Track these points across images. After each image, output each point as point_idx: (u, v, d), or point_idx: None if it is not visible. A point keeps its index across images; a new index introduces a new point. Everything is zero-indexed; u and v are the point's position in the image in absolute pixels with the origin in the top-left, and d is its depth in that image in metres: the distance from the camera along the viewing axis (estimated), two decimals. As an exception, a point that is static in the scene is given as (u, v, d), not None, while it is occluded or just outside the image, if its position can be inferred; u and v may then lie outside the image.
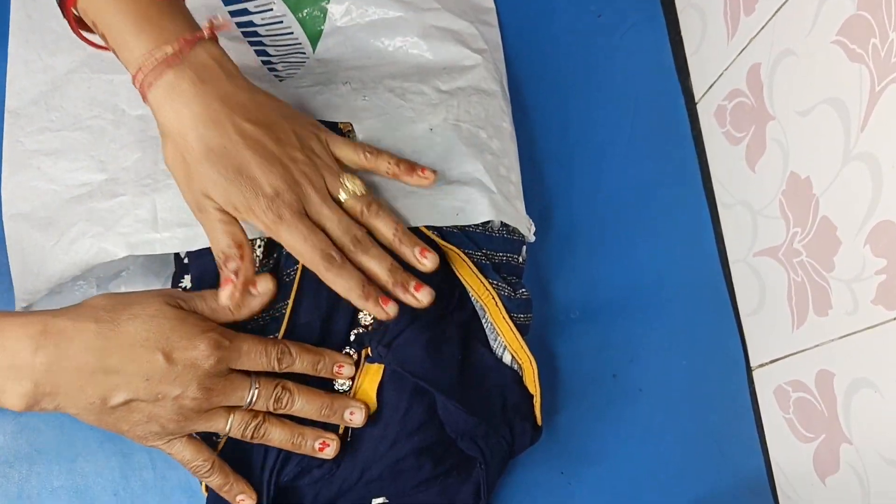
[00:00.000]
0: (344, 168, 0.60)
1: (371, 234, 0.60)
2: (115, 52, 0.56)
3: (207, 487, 0.62)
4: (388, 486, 0.61)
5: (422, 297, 0.59)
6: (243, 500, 0.58)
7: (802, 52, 0.65)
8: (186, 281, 0.64)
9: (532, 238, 0.68)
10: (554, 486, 0.71)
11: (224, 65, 0.56)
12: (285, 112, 0.59)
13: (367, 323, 0.62)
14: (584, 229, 0.78)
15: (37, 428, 0.67)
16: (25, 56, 0.68)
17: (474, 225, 0.64)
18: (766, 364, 0.74)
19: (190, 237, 0.60)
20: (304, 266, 0.60)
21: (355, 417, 0.60)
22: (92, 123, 0.66)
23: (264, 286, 0.59)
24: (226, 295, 0.56)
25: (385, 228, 0.59)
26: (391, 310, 0.58)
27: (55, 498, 0.66)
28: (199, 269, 0.62)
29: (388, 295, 0.59)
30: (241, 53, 0.70)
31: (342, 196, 0.59)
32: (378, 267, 0.58)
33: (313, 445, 0.59)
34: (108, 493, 0.66)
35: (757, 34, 0.71)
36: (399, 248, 0.60)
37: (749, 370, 0.76)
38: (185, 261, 0.63)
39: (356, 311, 0.62)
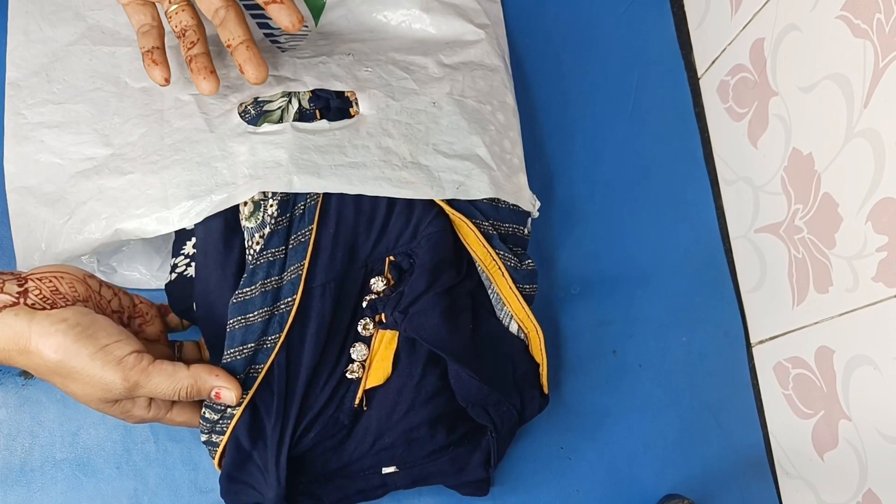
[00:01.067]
0: None
1: None
2: None
3: (221, 462, 0.62)
4: (400, 454, 0.61)
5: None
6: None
7: (806, 28, 0.65)
8: (188, 247, 0.63)
9: (536, 215, 0.68)
10: (553, 461, 0.72)
11: None
12: None
13: (378, 290, 0.62)
14: (586, 205, 0.78)
15: (39, 401, 0.67)
16: (25, 27, 0.68)
17: None
18: (766, 340, 0.74)
19: (199, 209, 0.60)
20: (318, 226, 0.60)
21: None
22: (94, 96, 0.66)
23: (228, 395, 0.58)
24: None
25: None
26: None
27: (57, 470, 0.66)
28: (203, 233, 0.62)
29: None
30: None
31: None
32: None
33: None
34: (111, 466, 0.67)
35: (761, 9, 0.71)
36: None
37: (749, 346, 0.77)
38: (189, 226, 0.63)
39: (367, 277, 0.62)
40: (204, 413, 0.60)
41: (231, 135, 0.62)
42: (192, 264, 0.63)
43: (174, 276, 0.64)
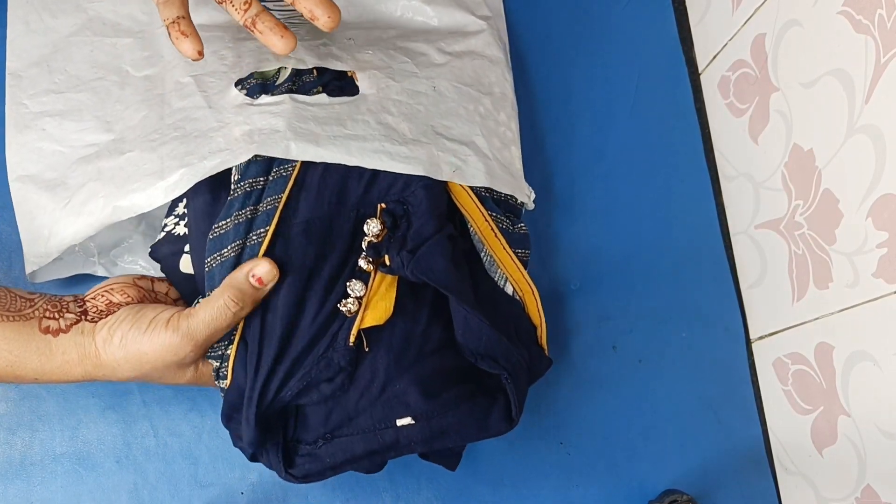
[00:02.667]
0: None
1: None
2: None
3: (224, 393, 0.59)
4: (415, 403, 0.57)
5: None
6: None
7: (808, 23, 0.65)
8: (180, 207, 0.63)
9: (531, 206, 0.68)
10: (553, 456, 0.72)
11: None
12: None
13: (374, 233, 0.58)
14: (585, 200, 0.77)
15: (39, 395, 0.67)
16: (25, 17, 0.68)
17: None
18: (766, 336, 0.74)
19: (191, 175, 0.58)
20: (304, 163, 0.58)
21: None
22: (96, 85, 0.66)
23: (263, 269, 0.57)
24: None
25: None
26: None
27: (57, 465, 0.66)
28: (192, 188, 0.60)
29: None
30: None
31: None
32: None
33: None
34: (111, 460, 0.67)
35: (762, 4, 0.71)
36: None
37: (748, 342, 0.77)
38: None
39: (360, 220, 0.59)
40: (210, 363, 0.59)
41: (228, 107, 0.61)
42: (180, 223, 0.62)
43: (162, 234, 0.63)
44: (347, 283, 0.58)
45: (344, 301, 0.57)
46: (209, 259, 0.57)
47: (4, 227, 0.69)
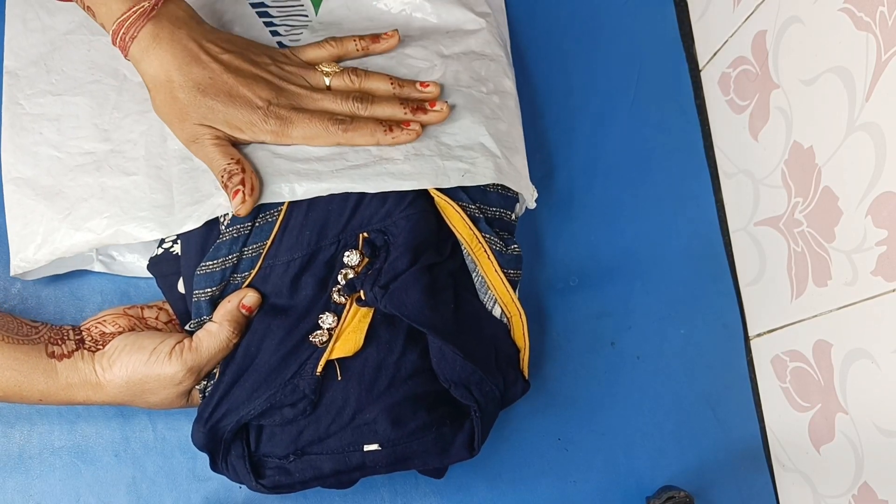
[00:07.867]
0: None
1: None
2: (91, 12, 0.60)
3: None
4: (384, 431, 0.59)
5: (441, 106, 0.64)
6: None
7: (809, 20, 0.65)
8: None
9: (533, 204, 0.68)
10: (551, 452, 0.72)
11: (192, 14, 0.62)
12: (249, 41, 0.65)
13: (352, 264, 0.61)
14: (585, 196, 0.77)
15: (37, 389, 0.67)
16: (23, 15, 0.67)
17: None
18: (765, 333, 0.74)
19: (201, 213, 0.60)
20: (289, 208, 0.61)
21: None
22: (93, 88, 0.66)
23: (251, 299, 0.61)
24: (237, 202, 0.59)
25: (380, 83, 0.65)
26: (416, 127, 0.63)
27: (56, 458, 0.66)
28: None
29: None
30: (243, 17, 0.69)
31: (327, 81, 0.64)
32: (390, 109, 0.63)
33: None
34: (109, 454, 0.67)
35: (763, 1, 0.70)
36: (401, 92, 0.65)
37: (747, 339, 0.77)
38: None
39: (340, 251, 0.61)
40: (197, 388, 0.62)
41: None
42: (178, 241, 0.63)
43: (160, 251, 0.64)
44: (320, 316, 0.60)
45: (315, 332, 0.60)
46: (197, 292, 0.61)
47: (3, 223, 0.68)
